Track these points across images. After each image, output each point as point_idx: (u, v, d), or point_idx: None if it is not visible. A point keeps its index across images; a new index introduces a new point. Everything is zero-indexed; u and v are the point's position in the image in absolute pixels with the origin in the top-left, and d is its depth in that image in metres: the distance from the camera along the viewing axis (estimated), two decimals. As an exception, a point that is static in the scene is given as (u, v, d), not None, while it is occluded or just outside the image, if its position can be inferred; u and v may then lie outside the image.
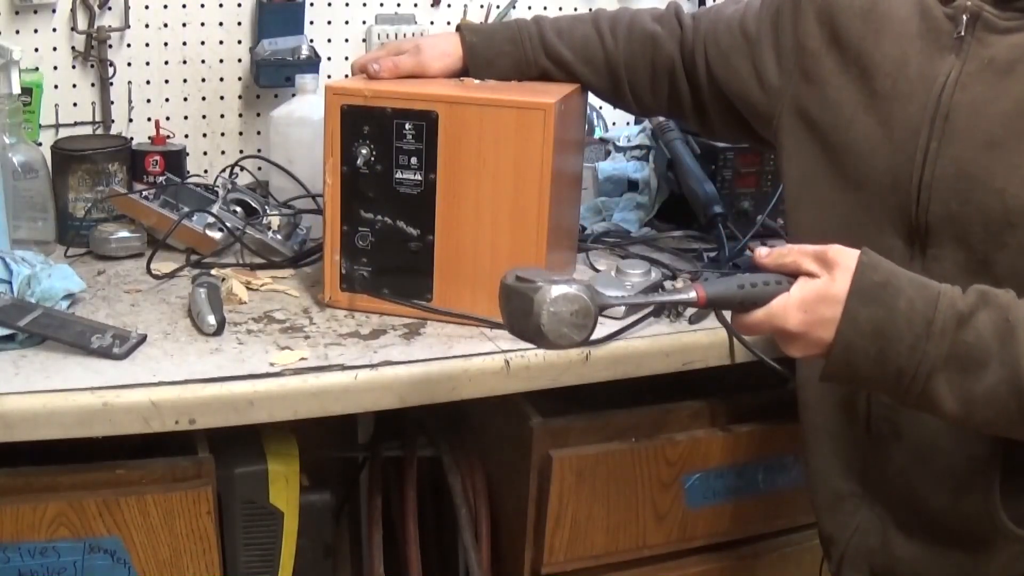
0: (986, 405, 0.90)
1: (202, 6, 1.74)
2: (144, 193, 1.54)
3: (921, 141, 1.03)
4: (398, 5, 1.87)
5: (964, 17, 1.01)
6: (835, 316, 0.91)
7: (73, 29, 1.67)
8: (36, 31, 1.65)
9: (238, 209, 1.57)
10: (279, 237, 1.53)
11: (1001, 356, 0.88)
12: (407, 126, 1.27)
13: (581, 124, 1.50)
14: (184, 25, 1.74)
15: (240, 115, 1.83)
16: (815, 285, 0.92)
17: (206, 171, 1.78)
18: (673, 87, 1.37)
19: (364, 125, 1.28)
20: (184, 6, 1.73)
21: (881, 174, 1.07)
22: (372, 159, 1.28)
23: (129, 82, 1.73)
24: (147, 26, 1.72)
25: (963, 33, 1.01)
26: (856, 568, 1.18)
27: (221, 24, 1.76)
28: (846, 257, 0.92)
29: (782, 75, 1.20)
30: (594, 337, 1.27)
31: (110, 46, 1.70)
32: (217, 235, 1.50)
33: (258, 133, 1.83)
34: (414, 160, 1.28)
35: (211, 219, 1.50)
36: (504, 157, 1.26)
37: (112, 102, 1.72)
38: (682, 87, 1.36)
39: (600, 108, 1.95)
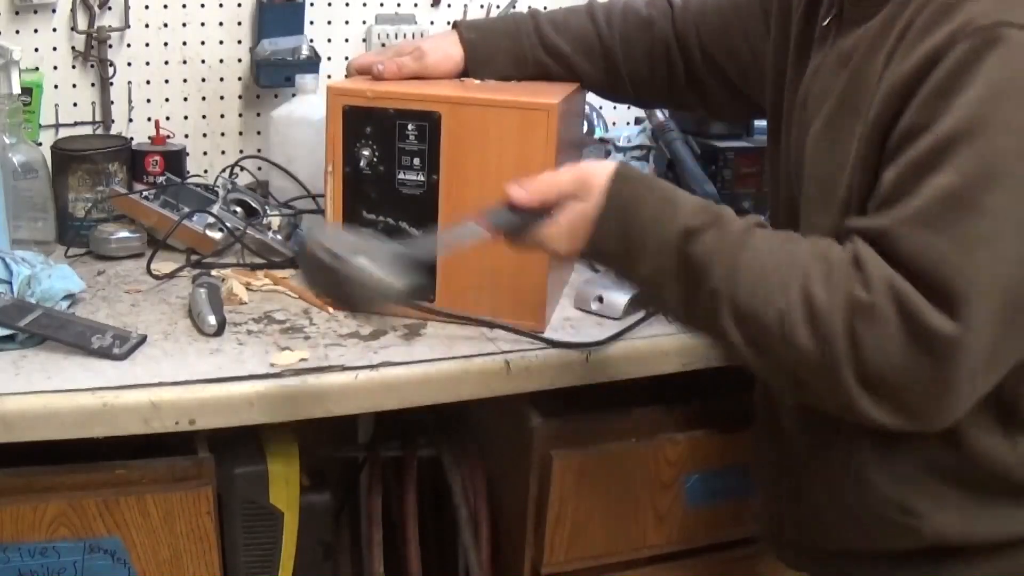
0: (699, 320, 0.96)
1: (202, 6, 1.74)
2: (144, 193, 1.54)
3: (787, 128, 1.08)
4: (398, 5, 1.87)
5: (832, 9, 1.04)
6: (589, 232, 0.99)
7: (73, 29, 1.67)
8: (36, 31, 1.65)
9: (238, 209, 1.57)
10: (279, 237, 1.53)
11: (711, 274, 0.93)
12: (409, 127, 1.27)
13: (580, 124, 1.51)
14: (184, 25, 1.74)
15: (240, 115, 1.82)
16: (579, 210, 1.00)
17: (206, 171, 1.78)
18: (670, 71, 1.38)
19: (366, 126, 1.28)
20: (184, 6, 1.73)
21: (778, 156, 1.14)
22: (374, 160, 1.28)
23: (129, 82, 1.73)
24: (147, 26, 1.72)
25: (826, 24, 1.04)
26: (772, 529, 1.23)
27: (221, 24, 1.77)
28: (597, 174, 0.99)
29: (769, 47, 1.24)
30: (595, 338, 1.29)
31: (110, 46, 1.70)
32: (217, 235, 1.49)
33: (258, 133, 1.83)
34: (416, 161, 1.28)
35: (211, 219, 1.50)
36: (506, 157, 1.25)
37: (112, 102, 1.72)
38: (678, 70, 1.38)
39: (600, 108, 1.95)
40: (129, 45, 1.72)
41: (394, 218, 1.30)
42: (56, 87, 1.68)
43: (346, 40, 1.86)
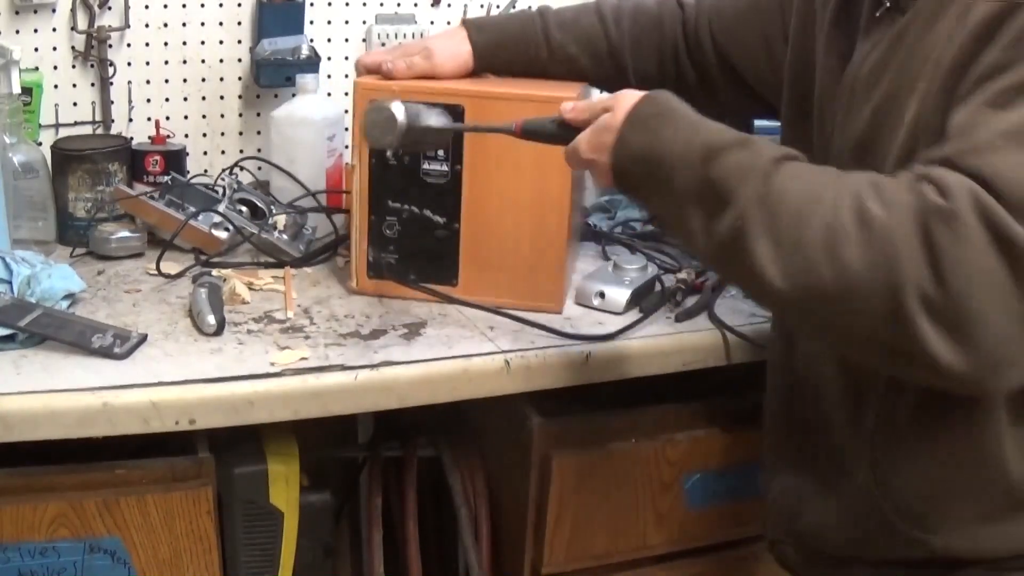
0: (721, 247, 0.89)
1: (202, 6, 1.74)
2: (149, 193, 1.54)
3: (835, 113, 1.06)
4: (398, 5, 1.87)
5: (886, 1, 1.03)
6: (612, 141, 0.99)
7: (73, 29, 1.67)
8: (36, 31, 1.65)
9: (243, 209, 1.57)
10: (285, 237, 1.53)
11: (738, 195, 0.87)
12: None
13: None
14: (184, 25, 1.74)
15: (240, 115, 1.82)
16: (606, 120, 1.01)
17: (206, 171, 1.78)
18: (679, 71, 1.39)
19: None
20: (184, 6, 1.73)
21: (815, 145, 1.11)
22: (399, 151, 1.32)
23: (129, 82, 1.73)
24: (147, 26, 1.72)
25: (879, 14, 1.03)
26: (778, 529, 1.22)
27: (221, 24, 1.76)
28: (631, 95, 1.00)
29: (787, 44, 1.22)
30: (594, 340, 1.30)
31: (110, 46, 1.69)
32: (223, 235, 1.49)
33: (258, 133, 1.83)
34: (441, 152, 1.32)
35: (215, 219, 1.50)
36: (527, 149, 1.28)
37: (112, 102, 1.72)
38: (687, 70, 1.38)
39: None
40: (129, 45, 1.72)
41: (418, 207, 1.35)
42: (56, 87, 1.68)
43: (346, 40, 1.86)
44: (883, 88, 0.99)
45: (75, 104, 1.70)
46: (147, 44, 1.73)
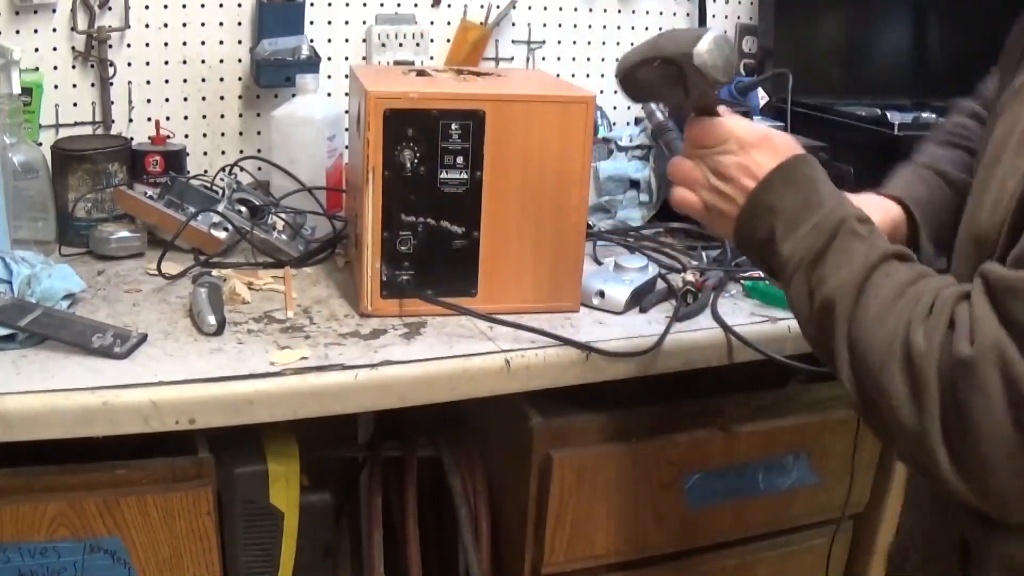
0: (820, 314, 0.92)
1: (202, 6, 1.74)
2: (148, 193, 1.54)
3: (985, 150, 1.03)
4: (398, 5, 1.88)
5: None
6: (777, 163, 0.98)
7: (73, 29, 1.67)
8: (36, 31, 1.65)
9: (243, 209, 1.57)
10: (284, 237, 1.53)
11: (842, 277, 0.90)
12: (453, 126, 1.28)
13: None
14: (184, 25, 1.74)
15: (240, 115, 1.82)
16: (780, 141, 1.00)
17: (206, 171, 1.78)
18: None
19: (408, 128, 1.27)
20: (184, 6, 1.73)
21: None
22: (415, 161, 1.28)
23: (129, 82, 1.73)
24: (147, 26, 1.72)
25: None
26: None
27: (221, 24, 1.77)
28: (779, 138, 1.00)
29: None
30: (596, 335, 1.29)
31: (110, 46, 1.70)
32: (222, 235, 1.49)
33: (258, 133, 1.83)
34: (460, 159, 1.29)
35: (214, 219, 1.50)
36: (548, 150, 1.30)
37: (112, 102, 1.72)
38: None
39: (601, 107, 1.95)
40: (129, 45, 1.72)
41: (435, 218, 1.31)
42: (56, 87, 1.68)
43: (346, 40, 1.86)
44: (994, 144, 0.95)
45: (75, 104, 1.70)
46: (147, 44, 1.73)
